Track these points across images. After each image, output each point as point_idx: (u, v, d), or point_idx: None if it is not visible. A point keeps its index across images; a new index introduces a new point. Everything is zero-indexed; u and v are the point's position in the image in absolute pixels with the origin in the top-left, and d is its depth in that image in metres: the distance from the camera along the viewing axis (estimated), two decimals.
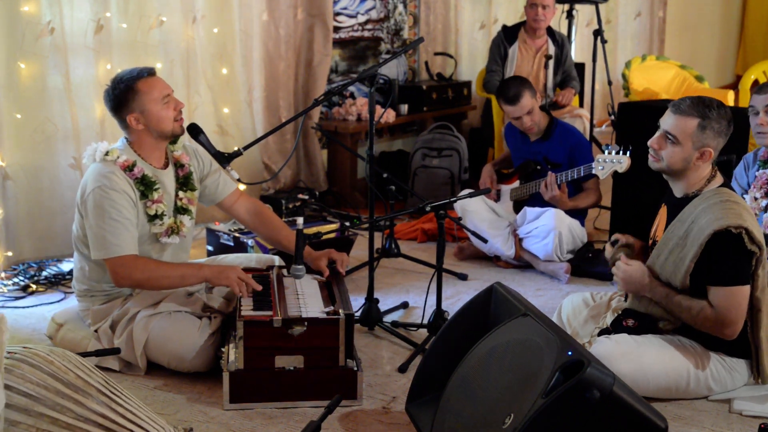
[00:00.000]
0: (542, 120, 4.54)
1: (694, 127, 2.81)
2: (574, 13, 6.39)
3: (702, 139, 2.81)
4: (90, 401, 2.07)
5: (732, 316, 2.76)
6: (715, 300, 2.77)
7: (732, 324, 2.77)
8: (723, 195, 2.82)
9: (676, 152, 2.84)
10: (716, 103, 2.85)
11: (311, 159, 5.77)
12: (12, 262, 4.22)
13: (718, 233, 2.72)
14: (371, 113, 3.46)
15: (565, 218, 4.29)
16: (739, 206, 2.79)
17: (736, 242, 2.72)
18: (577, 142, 4.50)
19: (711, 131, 2.81)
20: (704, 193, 2.85)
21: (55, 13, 4.14)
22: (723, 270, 2.75)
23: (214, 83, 5.06)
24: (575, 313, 3.28)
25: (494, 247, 4.41)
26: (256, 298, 3.04)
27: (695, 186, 2.89)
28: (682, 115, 2.83)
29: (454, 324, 2.74)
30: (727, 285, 2.75)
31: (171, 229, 3.22)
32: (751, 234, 2.72)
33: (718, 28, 10.77)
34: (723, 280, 2.76)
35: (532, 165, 4.55)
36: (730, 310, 2.75)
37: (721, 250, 2.73)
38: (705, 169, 2.88)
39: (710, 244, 2.73)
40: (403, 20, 6.49)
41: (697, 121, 2.81)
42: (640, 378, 2.80)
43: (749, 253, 2.74)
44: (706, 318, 2.78)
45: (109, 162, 3.11)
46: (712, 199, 2.81)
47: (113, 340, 3.13)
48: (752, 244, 2.73)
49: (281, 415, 2.82)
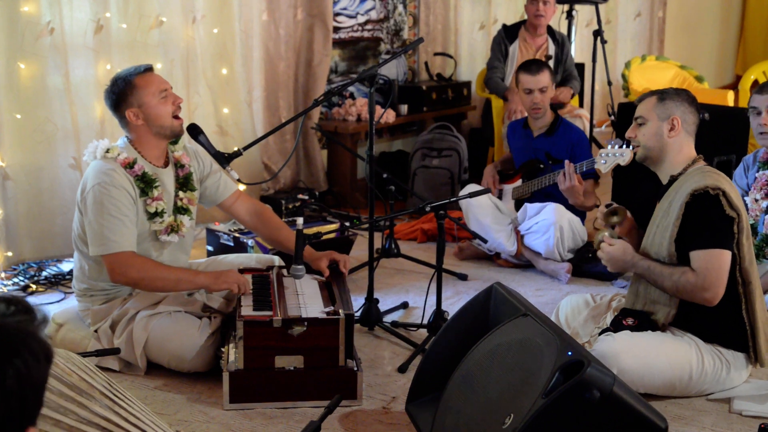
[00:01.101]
0: (548, 114, 4.55)
1: (654, 102, 2.99)
2: (574, 13, 6.39)
3: (665, 110, 2.97)
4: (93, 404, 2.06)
5: (711, 278, 2.79)
6: (695, 263, 2.81)
7: (711, 287, 2.79)
8: (704, 168, 2.92)
9: (647, 130, 2.99)
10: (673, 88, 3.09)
11: (311, 159, 5.77)
12: (12, 262, 4.22)
13: (696, 194, 2.79)
14: (371, 113, 3.46)
15: (566, 213, 4.28)
16: (718, 175, 2.87)
17: (714, 203, 2.78)
18: (578, 140, 4.50)
19: (671, 101, 2.97)
20: (688, 172, 2.94)
21: (54, 13, 4.15)
22: (702, 232, 2.80)
23: (214, 83, 5.06)
24: (574, 313, 3.28)
25: (496, 243, 4.41)
26: (256, 298, 3.04)
27: (679, 167, 2.96)
28: (642, 100, 3.06)
29: (454, 324, 2.74)
30: (706, 247, 2.80)
31: (170, 227, 3.22)
32: (728, 197, 2.79)
33: (718, 28, 10.77)
34: (702, 242, 2.80)
35: (535, 164, 4.55)
36: (710, 271, 2.79)
37: (700, 211, 2.80)
38: (684, 146, 2.97)
39: (689, 206, 2.80)
40: (402, 20, 6.49)
41: (655, 97, 3.01)
42: (646, 373, 2.82)
43: (727, 217, 2.79)
44: (687, 282, 2.81)
45: (110, 159, 3.12)
46: (694, 172, 2.91)
47: (113, 340, 3.13)
48: (730, 208, 2.79)
49: (281, 415, 2.82)
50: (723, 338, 2.91)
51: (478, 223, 4.40)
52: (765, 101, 3.45)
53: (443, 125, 5.97)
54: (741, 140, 4.23)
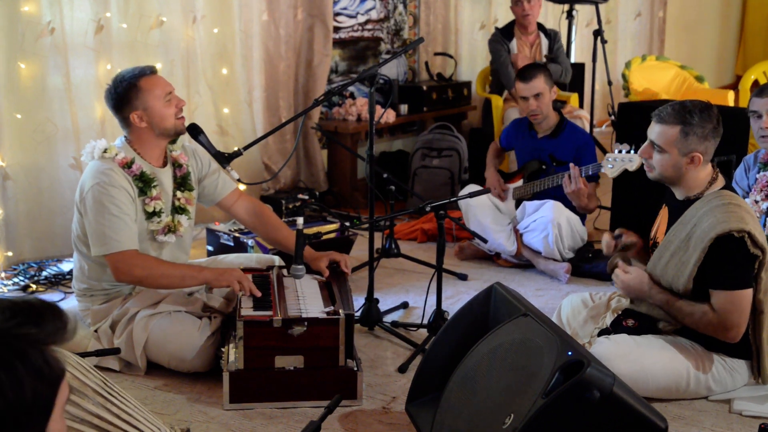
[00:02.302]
0: (552, 118, 4.54)
1: (677, 135, 2.80)
2: (574, 13, 6.40)
3: (687, 145, 2.80)
4: (86, 402, 2.06)
5: (734, 319, 2.75)
6: (717, 304, 2.76)
7: (734, 327, 2.76)
8: (725, 198, 2.80)
9: (665, 160, 2.84)
10: (699, 107, 2.82)
11: (311, 159, 5.77)
12: (12, 262, 4.22)
13: (721, 237, 2.70)
14: (371, 113, 3.45)
15: (564, 210, 4.27)
16: (741, 209, 2.77)
17: (738, 246, 2.71)
18: (584, 143, 4.49)
19: (695, 136, 2.79)
20: (706, 196, 2.84)
21: (55, 13, 4.15)
22: (725, 274, 2.74)
23: (214, 83, 5.07)
24: (574, 313, 3.28)
25: (496, 243, 4.41)
26: (256, 298, 3.04)
27: (696, 189, 2.88)
28: (663, 123, 2.83)
29: (454, 324, 2.74)
30: (729, 289, 2.75)
31: (168, 227, 3.22)
32: (753, 237, 2.71)
33: (718, 28, 10.78)
34: (725, 284, 2.75)
35: (537, 164, 4.55)
36: (733, 313, 2.74)
37: (724, 254, 2.72)
38: (702, 172, 2.87)
39: (713, 248, 2.72)
40: (403, 20, 6.49)
41: (679, 128, 2.79)
42: (640, 378, 2.80)
43: (752, 256, 2.73)
44: (709, 322, 2.77)
45: (108, 159, 3.12)
46: (714, 201, 2.79)
47: (113, 340, 3.13)
48: (755, 247, 2.71)
49: (281, 415, 2.82)
50: (727, 349, 2.89)
51: (478, 224, 4.40)
52: (765, 104, 3.43)
53: (443, 125, 5.97)
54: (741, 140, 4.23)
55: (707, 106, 2.83)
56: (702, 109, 2.81)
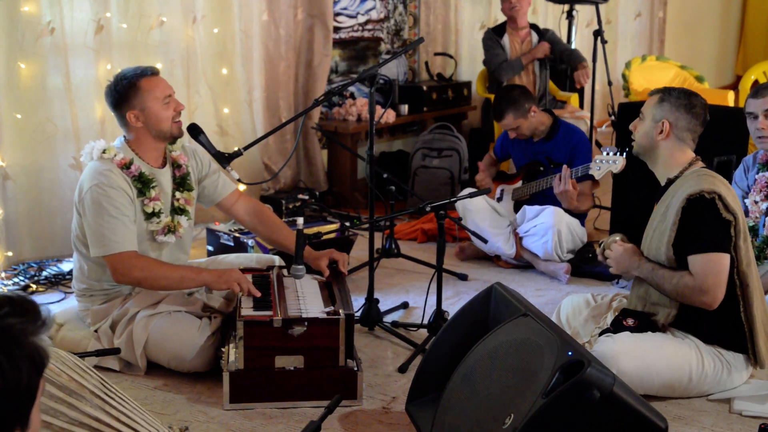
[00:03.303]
0: (545, 122, 4.55)
1: (655, 101, 2.98)
2: (574, 13, 6.40)
3: (660, 111, 2.95)
4: (83, 404, 2.05)
5: (710, 282, 2.79)
6: (693, 268, 2.81)
7: (710, 291, 2.79)
8: (701, 171, 2.92)
9: (641, 127, 3.01)
10: (686, 90, 3.01)
11: (311, 159, 5.77)
12: (12, 262, 4.22)
13: (692, 198, 2.79)
14: (371, 113, 3.46)
15: (564, 216, 4.29)
16: (714, 178, 2.86)
17: (710, 207, 2.78)
18: (578, 141, 4.51)
19: (668, 104, 2.94)
20: (685, 175, 2.93)
21: (55, 13, 4.15)
22: (699, 236, 2.80)
23: (214, 83, 5.07)
24: (575, 313, 3.28)
25: (495, 246, 4.41)
26: (256, 298, 3.04)
27: (674, 168, 2.96)
28: (650, 95, 3.04)
29: (454, 324, 2.74)
30: (703, 251, 2.80)
31: (167, 227, 3.22)
32: (724, 200, 2.78)
33: (718, 29, 10.78)
34: (699, 246, 2.81)
35: (536, 166, 4.56)
36: (708, 275, 2.79)
37: (696, 216, 2.79)
38: (678, 151, 2.95)
39: (686, 211, 2.80)
40: (403, 20, 6.49)
41: (659, 96, 2.99)
42: (645, 375, 2.82)
43: (724, 220, 2.79)
44: (686, 285, 2.81)
45: (106, 160, 3.12)
46: (690, 176, 2.91)
47: (113, 340, 3.13)
48: (726, 211, 2.78)
49: (281, 415, 2.82)
50: (723, 340, 2.90)
51: (476, 227, 4.40)
52: (761, 105, 3.43)
53: (443, 125, 5.97)
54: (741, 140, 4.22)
55: (693, 92, 3.00)
56: (686, 90, 3.01)
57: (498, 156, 4.87)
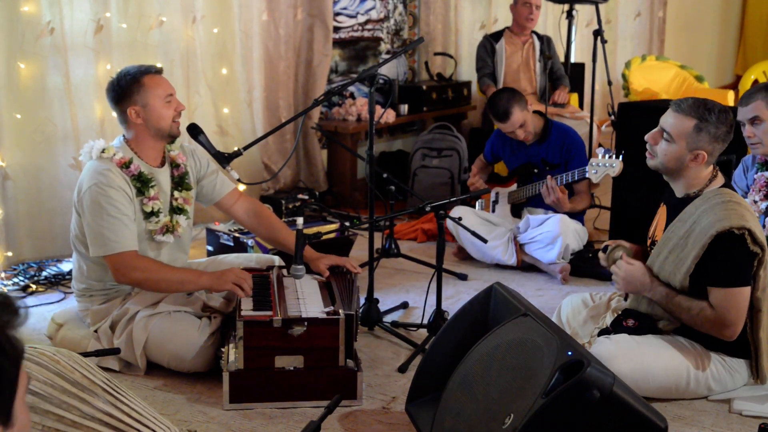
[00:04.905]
0: (537, 124, 4.55)
1: (691, 128, 2.79)
2: (574, 13, 6.39)
3: (697, 141, 2.79)
4: (96, 400, 2.08)
5: (732, 317, 2.75)
6: (715, 301, 2.76)
7: (731, 325, 2.76)
8: (725, 195, 2.80)
9: (670, 150, 2.83)
10: (719, 108, 2.81)
11: (311, 159, 5.77)
12: (12, 262, 4.22)
13: (722, 234, 2.69)
14: (371, 113, 3.45)
15: (570, 223, 4.27)
16: (741, 207, 2.77)
17: (739, 243, 2.70)
18: (571, 141, 4.51)
19: (707, 134, 2.79)
20: (705, 194, 2.84)
21: (55, 13, 4.15)
22: (724, 271, 2.74)
23: (214, 83, 5.07)
24: (574, 313, 3.28)
25: (490, 254, 4.40)
26: (256, 299, 3.04)
27: (695, 186, 2.88)
28: (681, 114, 2.82)
29: (454, 324, 2.74)
30: (727, 286, 2.74)
31: (166, 227, 3.22)
32: (753, 235, 2.70)
33: (717, 28, 10.78)
34: (724, 281, 2.74)
35: (530, 168, 4.55)
36: (730, 311, 2.74)
37: (724, 251, 2.72)
38: (703, 171, 2.86)
39: (713, 245, 2.72)
40: (403, 20, 6.49)
41: (695, 123, 2.79)
42: (640, 378, 2.80)
43: (752, 254, 2.72)
44: (706, 319, 2.77)
45: (106, 159, 3.12)
46: (714, 199, 2.79)
47: (113, 340, 3.13)
48: (755, 245, 2.71)
49: (281, 415, 2.82)
50: (727, 349, 2.89)
51: (471, 243, 4.40)
52: (747, 113, 3.40)
53: (443, 125, 5.97)
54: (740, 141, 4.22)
55: (726, 110, 2.82)
56: (721, 110, 2.80)
57: (489, 160, 4.87)
